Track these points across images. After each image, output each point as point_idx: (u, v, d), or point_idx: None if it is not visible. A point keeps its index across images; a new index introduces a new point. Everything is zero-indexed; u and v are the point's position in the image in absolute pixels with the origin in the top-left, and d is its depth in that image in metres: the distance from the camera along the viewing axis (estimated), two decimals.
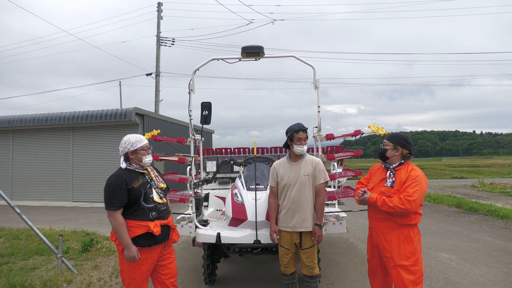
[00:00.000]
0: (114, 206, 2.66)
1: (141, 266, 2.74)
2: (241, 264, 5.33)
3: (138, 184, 2.76)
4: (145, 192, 2.78)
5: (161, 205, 2.85)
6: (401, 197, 2.73)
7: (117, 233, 2.68)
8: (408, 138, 3.01)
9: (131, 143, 2.83)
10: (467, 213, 9.73)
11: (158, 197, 2.85)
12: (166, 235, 2.89)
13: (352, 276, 4.68)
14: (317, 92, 4.19)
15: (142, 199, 2.75)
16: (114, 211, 2.66)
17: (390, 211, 2.78)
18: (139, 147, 2.83)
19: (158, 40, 19.58)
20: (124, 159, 2.87)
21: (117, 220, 2.66)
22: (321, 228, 3.30)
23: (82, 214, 10.91)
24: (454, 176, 27.26)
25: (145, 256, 2.75)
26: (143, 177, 2.85)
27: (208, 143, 20.70)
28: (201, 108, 4.02)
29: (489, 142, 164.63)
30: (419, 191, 2.74)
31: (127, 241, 2.66)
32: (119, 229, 2.66)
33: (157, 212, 2.80)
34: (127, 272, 2.75)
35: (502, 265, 5.09)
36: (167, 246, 2.95)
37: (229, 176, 5.82)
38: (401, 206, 2.71)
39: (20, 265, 5.17)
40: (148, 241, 2.74)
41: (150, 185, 2.85)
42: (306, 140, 3.36)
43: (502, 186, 16.17)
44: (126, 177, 2.74)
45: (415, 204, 2.72)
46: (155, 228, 2.72)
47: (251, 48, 4.03)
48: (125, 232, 2.67)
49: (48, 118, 14.10)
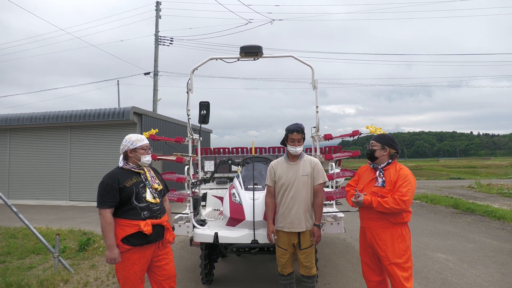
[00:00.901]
0: (104, 204, 2.68)
1: (134, 265, 2.74)
2: (239, 264, 5.33)
3: (130, 183, 2.77)
4: (137, 191, 2.78)
5: (154, 205, 2.83)
6: (395, 197, 2.80)
7: (103, 231, 2.69)
8: (394, 139, 3.12)
9: (132, 141, 2.86)
10: (464, 214, 9.76)
11: (152, 197, 2.83)
12: (159, 235, 2.87)
13: (350, 276, 4.69)
14: (316, 92, 4.19)
15: (134, 198, 2.75)
16: (104, 209, 2.67)
17: (386, 211, 2.84)
18: (138, 146, 2.86)
19: (156, 39, 19.54)
20: (123, 158, 2.90)
21: (105, 218, 2.67)
22: (320, 228, 3.31)
23: (79, 213, 10.88)
24: (451, 177, 27.34)
25: (137, 256, 2.75)
26: (137, 176, 2.86)
27: (206, 142, 20.69)
28: (199, 107, 4.02)
29: (486, 143, 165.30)
30: (411, 190, 2.84)
31: (111, 242, 2.66)
32: (106, 228, 2.67)
33: (149, 212, 2.79)
34: (121, 272, 2.75)
35: (499, 265, 5.11)
36: (161, 246, 2.92)
37: (227, 176, 5.81)
38: (397, 206, 2.78)
39: (16, 264, 5.15)
40: (140, 240, 2.74)
41: (144, 185, 2.84)
42: (300, 142, 3.33)
43: (499, 187, 16.24)
44: (119, 176, 2.77)
45: (409, 203, 2.82)
46: (145, 227, 2.71)
47: (250, 48, 4.03)
48: (111, 233, 2.67)
49: (45, 116, 14.05)
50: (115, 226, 2.73)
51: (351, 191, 3.21)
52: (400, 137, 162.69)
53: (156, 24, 19.65)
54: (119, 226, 2.73)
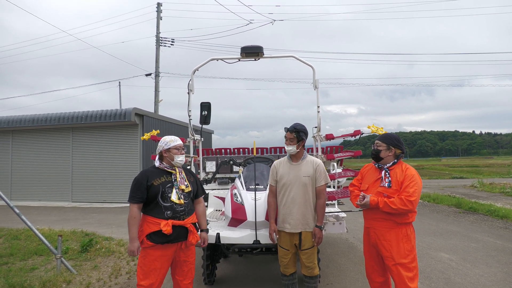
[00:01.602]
0: (133, 199, 2.84)
1: (155, 262, 2.83)
2: (241, 264, 5.32)
3: (158, 182, 2.88)
4: (163, 190, 2.87)
5: (177, 206, 2.89)
6: (402, 198, 2.77)
7: (128, 224, 2.84)
8: (399, 138, 3.06)
9: (166, 142, 3.01)
10: (467, 213, 9.73)
11: (177, 197, 2.90)
12: (181, 236, 2.90)
13: (352, 276, 4.68)
14: (317, 92, 4.19)
15: (160, 196, 2.85)
16: (132, 204, 2.84)
17: (393, 212, 2.81)
18: (172, 146, 2.98)
19: (157, 40, 19.57)
20: (158, 158, 3.05)
21: (131, 212, 2.82)
22: (321, 230, 3.28)
23: (81, 214, 10.90)
24: (454, 176, 27.27)
25: (159, 253, 2.83)
26: (168, 176, 2.96)
27: (207, 143, 20.69)
28: (200, 108, 4.03)
29: (489, 142, 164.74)
30: (418, 190, 2.81)
31: (133, 235, 2.81)
32: (130, 221, 2.82)
33: (172, 212, 2.86)
34: (142, 266, 2.84)
35: (502, 265, 5.09)
36: (185, 247, 2.97)
37: (229, 176, 5.81)
38: (404, 207, 2.76)
39: (19, 265, 5.16)
40: (161, 238, 2.82)
41: (171, 185, 2.93)
42: (293, 141, 3.31)
43: (502, 186, 16.17)
44: (150, 174, 2.91)
45: (416, 203, 2.79)
46: (165, 227, 2.78)
47: (251, 48, 4.03)
48: (134, 226, 2.81)
49: (47, 118, 14.08)
50: (144, 222, 2.87)
51: (355, 191, 3.17)
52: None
53: (157, 25, 19.68)
54: (146, 222, 2.86)
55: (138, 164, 13.40)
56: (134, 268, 5.03)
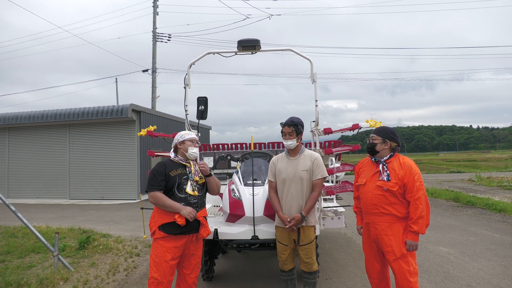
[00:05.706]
0: (153, 188, 2.87)
1: (166, 253, 2.85)
2: (239, 260, 5.31)
3: (175, 174, 2.94)
4: (179, 182, 2.93)
5: (192, 197, 2.95)
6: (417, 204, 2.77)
7: (161, 205, 2.84)
8: (395, 131, 3.05)
9: (181, 135, 3.11)
10: (465, 207, 9.75)
11: (191, 189, 2.95)
12: (194, 228, 2.95)
13: (351, 271, 4.67)
14: (315, 86, 4.15)
15: (176, 188, 2.91)
16: (154, 191, 2.86)
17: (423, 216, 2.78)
18: (187, 138, 3.06)
19: (154, 36, 19.43)
20: (173, 151, 3.11)
21: (155, 196, 2.84)
22: (302, 218, 3.17)
23: (79, 211, 10.86)
24: (451, 170, 27.33)
25: (171, 244, 2.86)
26: (183, 168, 3.01)
27: (205, 138, 20.65)
28: (197, 103, 3.98)
29: (486, 136, 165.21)
30: (420, 183, 2.84)
31: (175, 205, 2.84)
32: (160, 200, 2.83)
33: (186, 204, 2.90)
34: (154, 258, 2.87)
35: (501, 258, 5.10)
36: (195, 240, 3.01)
37: (227, 172, 5.78)
38: (423, 213, 2.76)
39: (16, 263, 5.12)
40: (174, 230, 2.85)
41: (187, 177, 2.98)
42: (292, 135, 3.27)
43: (499, 180, 16.23)
44: (167, 165, 2.97)
45: (425, 196, 2.83)
46: (179, 219, 2.82)
47: (247, 41, 3.98)
48: (167, 200, 2.84)
49: (44, 115, 13.99)
50: (157, 213, 2.91)
51: (359, 213, 3.25)
52: (399, 131, 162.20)
53: (154, 21, 19.54)
54: (159, 213, 2.89)
55: (135, 160, 13.35)
56: (132, 265, 5.00)
